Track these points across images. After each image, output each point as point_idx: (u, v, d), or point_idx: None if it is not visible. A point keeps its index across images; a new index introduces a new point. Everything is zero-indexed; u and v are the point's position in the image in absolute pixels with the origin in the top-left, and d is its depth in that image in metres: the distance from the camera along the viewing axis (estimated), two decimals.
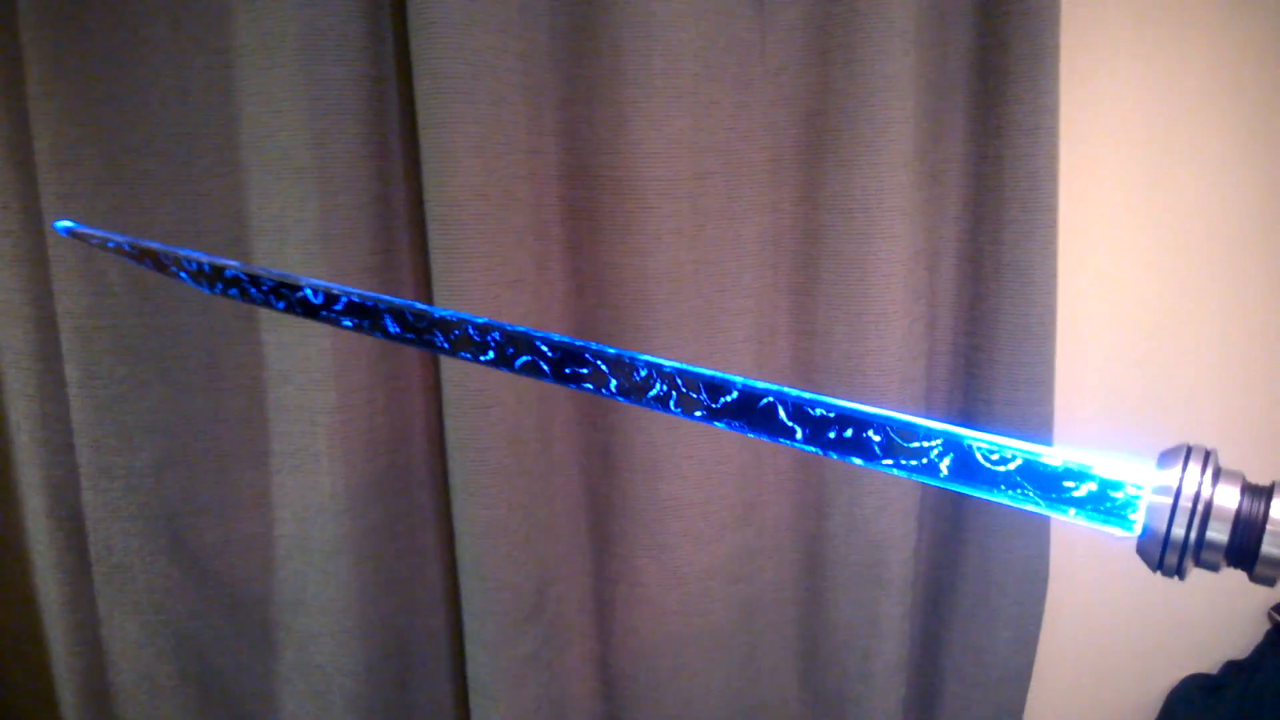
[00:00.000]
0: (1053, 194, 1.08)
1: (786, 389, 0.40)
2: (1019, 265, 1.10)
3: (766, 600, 1.18)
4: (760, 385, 0.42)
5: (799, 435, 0.41)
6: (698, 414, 0.43)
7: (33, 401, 0.96)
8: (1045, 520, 1.17)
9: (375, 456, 1.02)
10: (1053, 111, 1.06)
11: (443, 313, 0.49)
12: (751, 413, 0.42)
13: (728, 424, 0.42)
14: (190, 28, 0.96)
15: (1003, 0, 1.06)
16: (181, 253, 0.56)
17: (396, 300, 0.50)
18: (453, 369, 0.98)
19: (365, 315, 0.51)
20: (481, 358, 0.48)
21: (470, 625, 1.04)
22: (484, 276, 0.96)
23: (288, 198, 0.95)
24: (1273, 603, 1.43)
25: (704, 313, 1.07)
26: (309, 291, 0.52)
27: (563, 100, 1.03)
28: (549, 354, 0.47)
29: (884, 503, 1.11)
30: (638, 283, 1.03)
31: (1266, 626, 1.43)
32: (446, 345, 0.49)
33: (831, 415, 0.41)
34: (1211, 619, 1.43)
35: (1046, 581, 1.19)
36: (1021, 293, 1.10)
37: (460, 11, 0.92)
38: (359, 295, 0.51)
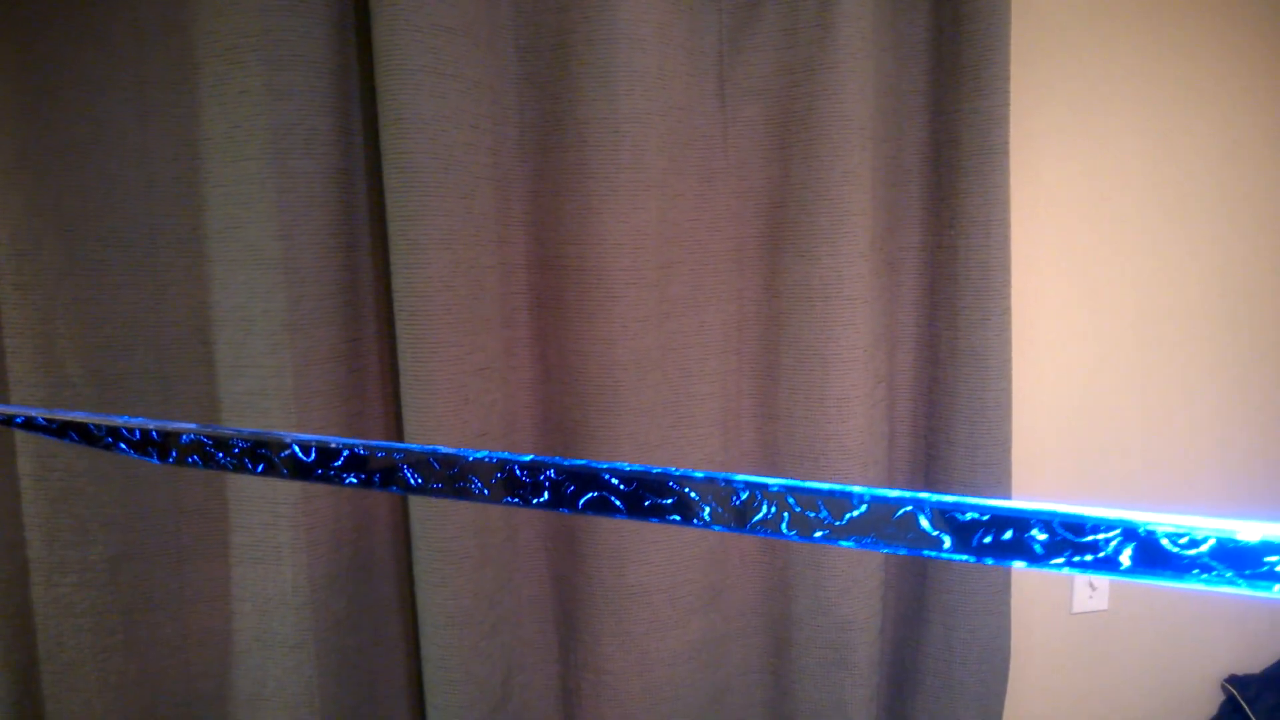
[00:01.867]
0: (1005, 282, 1.12)
1: (922, 494, 0.36)
2: (974, 350, 1.13)
3: (734, 685, 1.18)
4: (892, 494, 0.37)
5: (946, 545, 0.37)
6: (819, 534, 0.38)
7: None
8: (1006, 599, 1.19)
9: (339, 547, 1.01)
10: (1004, 204, 1.10)
11: (478, 455, 0.42)
12: (885, 525, 0.37)
13: (857, 541, 0.38)
14: (158, 120, 0.96)
15: (955, 99, 1.11)
16: (119, 420, 0.47)
17: (413, 447, 0.43)
18: None
19: (376, 468, 0.43)
20: (535, 500, 0.41)
21: (434, 718, 1.02)
22: (452, 366, 0.97)
23: (254, 288, 0.95)
24: (1227, 674, 1.46)
25: (670, 399, 1.08)
26: (297, 449, 0.44)
27: (531, 192, 1.05)
28: (620, 487, 0.40)
29: (849, 584, 1.12)
30: (605, 369, 1.04)
31: (1221, 698, 1.46)
32: (486, 492, 0.42)
33: (985, 518, 0.36)
34: (1169, 691, 1.45)
35: (1009, 660, 1.21)
36: (977, 376, 1.13)
37: (430, 107, 0.93)
38: (364, 446, 0.43)
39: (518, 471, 0.41)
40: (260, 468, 0.45)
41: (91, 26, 0.93)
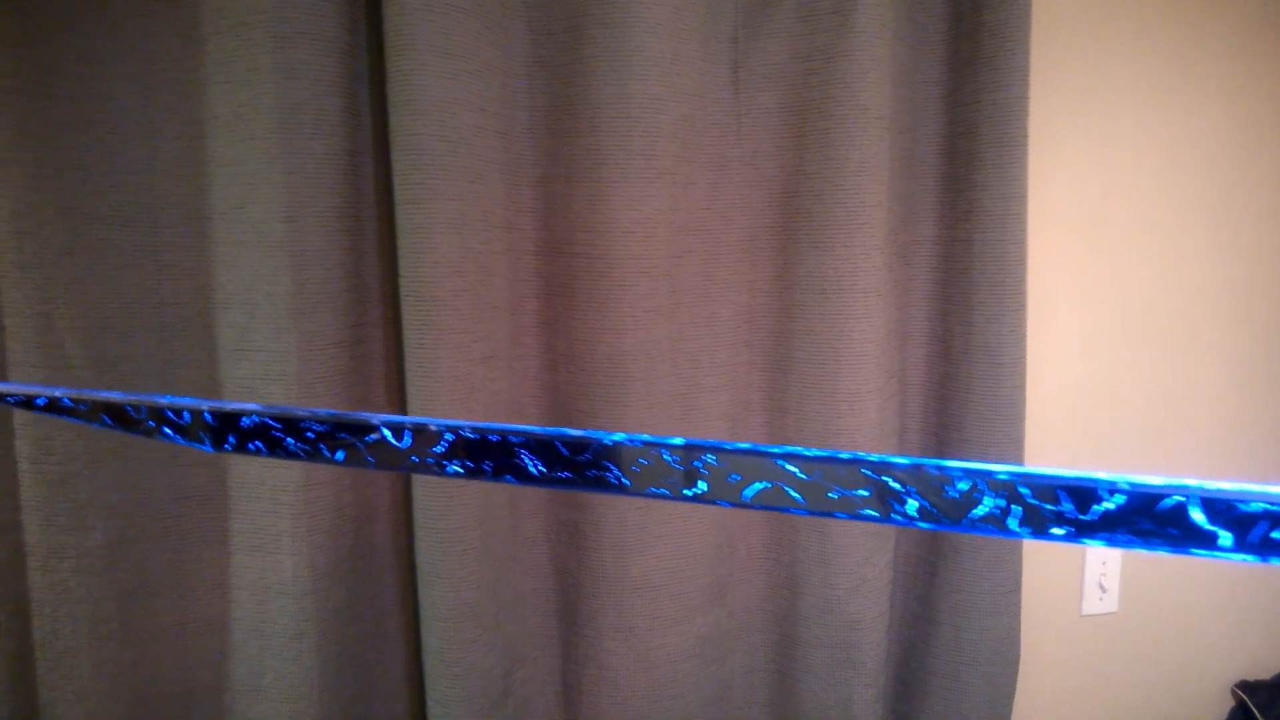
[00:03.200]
0: (1021, 277, 1.10)
1: (1192, 483, 0.30)
2: (988, 346, 1.11)
3: (738, 683, 1.16)
4: (1155, 482, 0.31)
5: (1224, 542, 0.31)
6: (1057, 531, 0.32)
7: None
8: (1016, 600, 1.17)
9: (340, 536, 0.99)
10: (1021, 197, 1.08)
11: (618, 438, 0.34)
12: (1146, 518, 0.31)
13: (1108, 539, 0.32)
14: (162, 96, 0.94)
15: (973, 90, 1.09)
16: (164, 401, 0.41)
17: (533, 430, 0.35)
18: None
19: (487, 455, 0.36)
20: (687, 491, 0.34)
21: (434, 712, 1.01)
22: (457, 353, 0.95)
23: (258, 271, 0.93)
24: (1237, 680, 1.44)
25: (679, 390, 1.06)
26: (388, 432, 0.37)
27: (541, 178, 1.03)
28: (800, 475, 0.32)
29: (858, 582, 1.11)
30: (613, 360, 1.02)
31: (1231, 703, 1.44)
32: (627, 482, 0.35)
33: (1270, 509, 0.30)
34: (1178, 695, 1.44)
35: (1018, 662, 1.19)
36: (991, 373, 1.11)
37: (439, 89, 0.91)
38: (472, 428, 0.36)
39: (665, 455, 0.34)
40: (340, 455, 0.38)
41: None
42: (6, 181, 0.89)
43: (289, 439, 0.39)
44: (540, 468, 0.35)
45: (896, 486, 0.31)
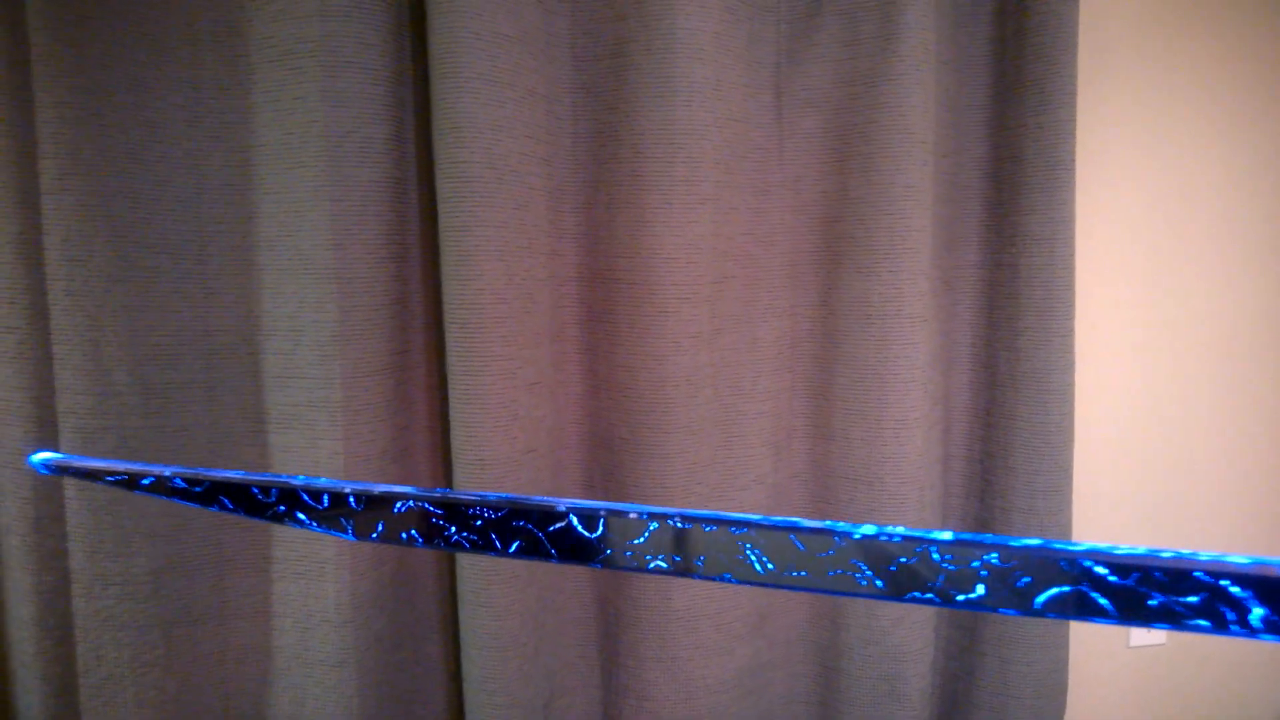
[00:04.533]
0: (1069, 302, 1.08)
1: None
2: (1035, 373, 1.09)
3: (778, 713, 1.14)
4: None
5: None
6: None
7: (27, 504, 0.92)
8: (1065, 631, 1.15)
9: (382, 564, 0.98)
10: (1068, 221, 1.07)
11: (866, 531, 0.30)
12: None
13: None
14: (210, 125, 0.95)
15: (1018, 114, 1.08)
16: (297, 482, 0.38)
17: (762, 520, 0.31)
18: (465, 469, 0.95)
19: (702, 549, 0.31)
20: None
21: None
22: (502, 380, 0.95)
23: (304, 298, 0.93)
24: None
25: (721, 417, 1.05)
26: (576, 521, 0.33)
27: (583, 204, 1.03)
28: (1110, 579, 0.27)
29: (902, 613, 1.09)
30: (655, 386, 1.02)
31: None
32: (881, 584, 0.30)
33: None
34: None
35: (1065, 694, 1.16)
36: (1038, 400, 1.10)
37: (485, 116, 0.92)
38: (682, 516, 0.32)
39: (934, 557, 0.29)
40: (515, 546, 0.35)
41: (145, 29, 0.92)
42: (58, 209, 0.90)
43: (451, 527, 0.35)
44: (770, 566, 0.31)
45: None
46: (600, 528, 0.33)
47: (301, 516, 0.38)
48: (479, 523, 0.35)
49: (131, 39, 0.91)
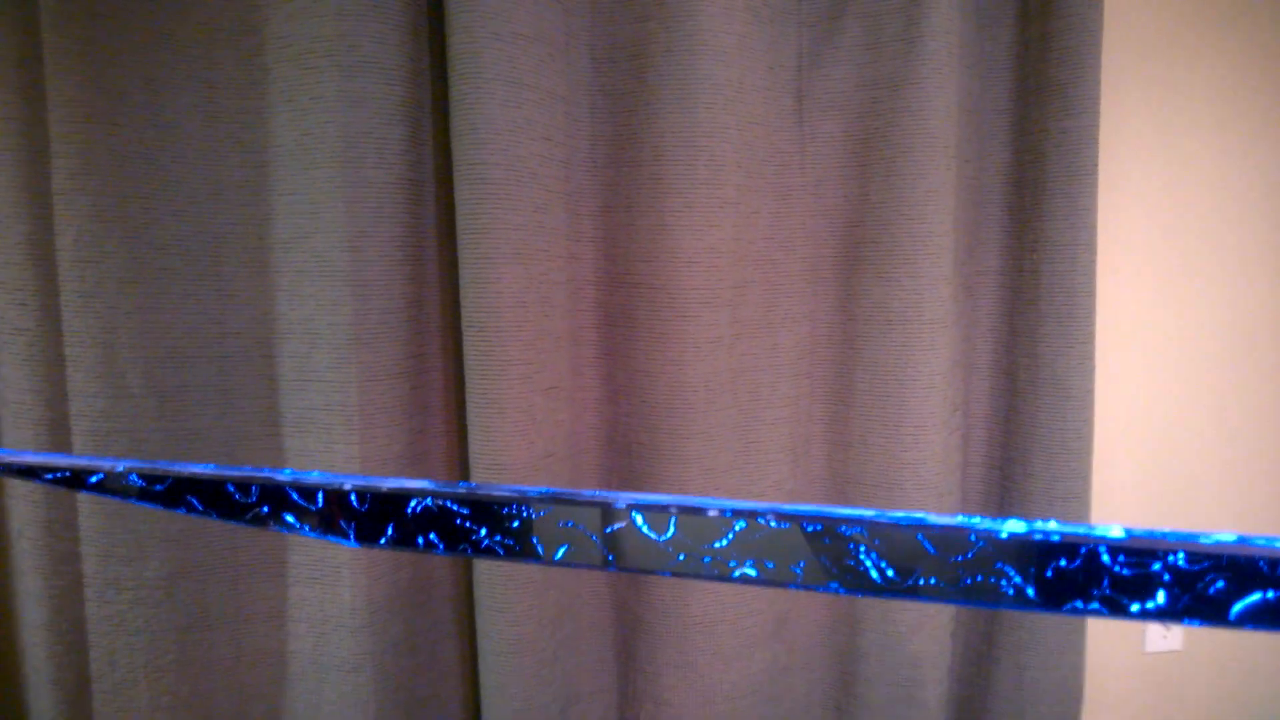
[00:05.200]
0: (1090, 309, 1.07)
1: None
2: (1056, 379, 1.08)
3: (796, 719, 1.13)
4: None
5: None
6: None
7: (39, 508, 0.91)
8: (1081, 638, 1.14)
9: (398, 569, 0.97)
10: (1091, 227, 1.06)
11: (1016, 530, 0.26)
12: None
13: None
14: (225, 125, 0.94)
15: (1041, 119, 1.07)
16: (283, 477, 0.33)
17: (862, 514, 0.27)
18: (482, 474, 0.94)
19: (820, 549, 0.27)
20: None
21: None
22: (521, 385, 0.94)
23: (320, 301, 0.92)
24: None
25: (739, 422, 1.05)
26: (640, 519, 0.28)
27: (602, 207, 1.01)
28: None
29: (921, 619, 1.08)
30: (674, 391, 1.01)
31: None
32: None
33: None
34: None
35: (1081, 701, 1.16)
36: (1058, 406, 1.09)
37: (504, 117, 0.90)
38: (815, 516, 0.27)
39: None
40: (561, 551, 0.29)
41: (160, 26, 0.91)
42: (71, 210, 0.89)
43: (481, 529, 0.29)
44: (890, 573, 0.26)
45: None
46: (671, 529, 0.27)
47: (291, 519, 0.32)
48: (515, 524, 0.29)
49: (145, 37, 0.90)
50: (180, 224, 0.93)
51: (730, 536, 0.27)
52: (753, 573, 0.27)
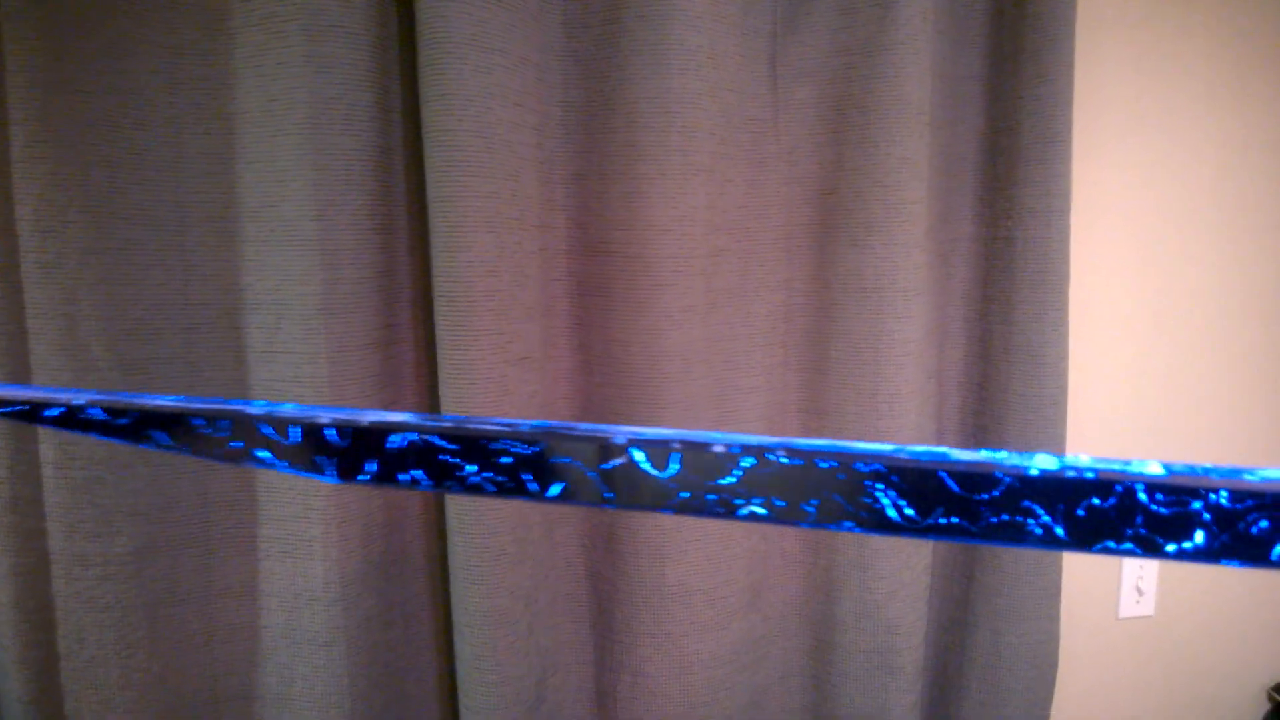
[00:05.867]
0: (1064, 275, 1.08)
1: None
2: (1030, 346, 1.09)
3: (773, 689, 1.14)
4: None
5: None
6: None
7: (2, 484, 0.90)
8: (1056, 604, 1.15)
9: (371, 541, 0.96)
10: (1065, 194, 1.06)
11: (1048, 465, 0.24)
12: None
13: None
14: (190, 91, 0.92)
15: (1015, 85, 1.07)
16: (255, 410, 0.30)
17: (883, 450, 0.25)
18: None
19: (819, 489, 0.25)
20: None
21: None
22: (492, 355, 0.93)
23: (288, 271, 0.91)
24: (1273, 682, 1.42)
25: (715, 391, 1.04)
26: (640, 456, 0.26)
27: (575, 175, 1.00)
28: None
29: (896, 587, 1.08)
30: (648, 361, 1.00)
31: (1267, 706, 1.42)
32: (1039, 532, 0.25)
33: None
34: (1214, 698, 1.42)
35: (1056, 666, 1.17)
36: (1033, 374, 1.09)
37: (475, 83, 0.89)
38: (787, 449, 0.25)
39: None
40: (556, 489, 0.27)
41: None
42: (29, 178, 0.87)
43: (470, 466, 0.27)
44: (909, 512, 0.24)
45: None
46: (674, 464, 0.25)
47: (263, 455, 0.29)
48: (507, 459, 0.27)
49: (104, 1, 0.88)
50: (144, 193, 0.91)
51: (738, 473, 0.25)
52: (762, 511, 0.25)
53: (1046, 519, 0.23)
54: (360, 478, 0.28)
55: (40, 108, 0.86)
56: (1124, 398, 1.31)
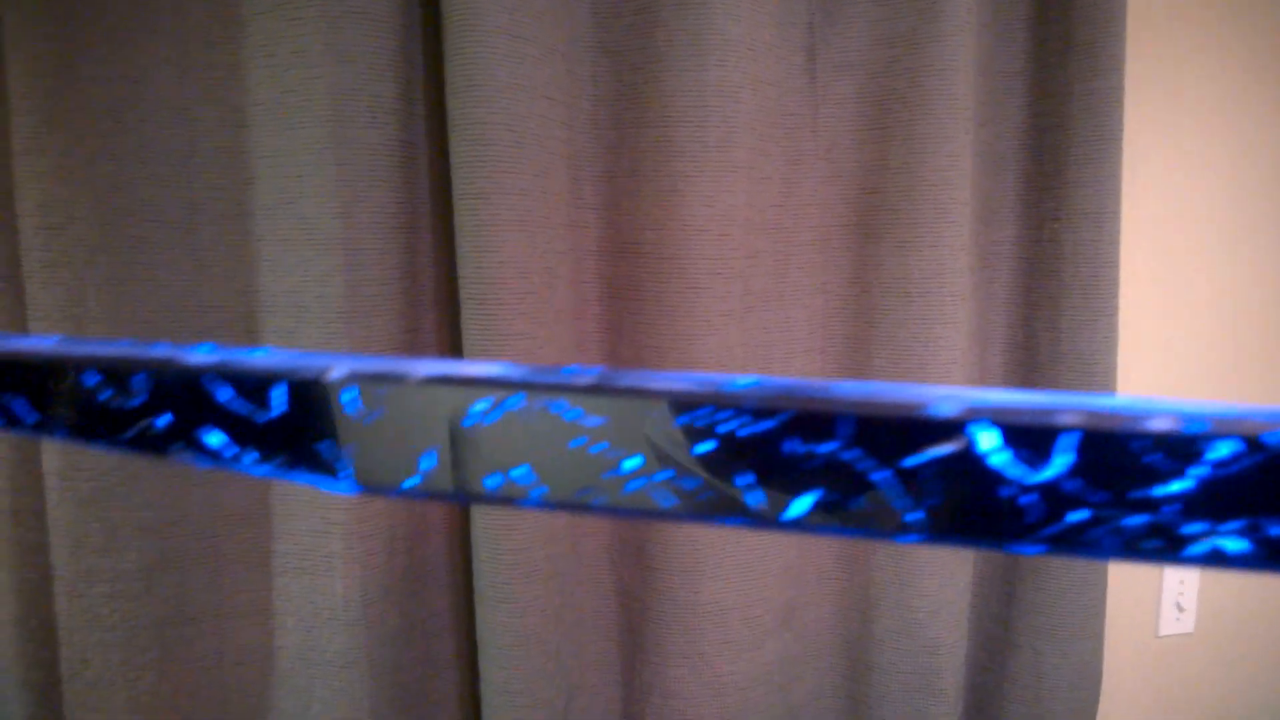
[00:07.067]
0: (1114, 280, 1.03)
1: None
2: (1079, 355, 1.04)
3: (807, 709, 1.09)
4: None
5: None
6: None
7: (3, 495, 0.85)
8: (1100, 623, 1.11)
9: (394, 556, 0.91)
10: (1116, 195, 1.02)
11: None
12: None
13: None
14: (202, 80, 0.87)
15: (1063, 80, 1.02)
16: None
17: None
18: None
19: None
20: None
21: None
22: (522, 360, 0.88)
23: (308, 271, 0.86)
24: None
25: None
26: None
27: (605, 173, 0.96)
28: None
29: (938, 605, 1.04)
30: (683, 367, 0.95)
31: None
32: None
33: None
34: (1256, 717, 1.37)
35: (1099, 688, 1.12)
36: (1081, 383, 1.05)
37: (505, 73, 0.84)
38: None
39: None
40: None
41: None
42: (32, 173, 0.82)
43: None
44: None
45: None
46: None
47: (216, 442, 0.19)
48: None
49: None
50: (153, 188, 0.86)
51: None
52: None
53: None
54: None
55: (43, 98, 0.81)
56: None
